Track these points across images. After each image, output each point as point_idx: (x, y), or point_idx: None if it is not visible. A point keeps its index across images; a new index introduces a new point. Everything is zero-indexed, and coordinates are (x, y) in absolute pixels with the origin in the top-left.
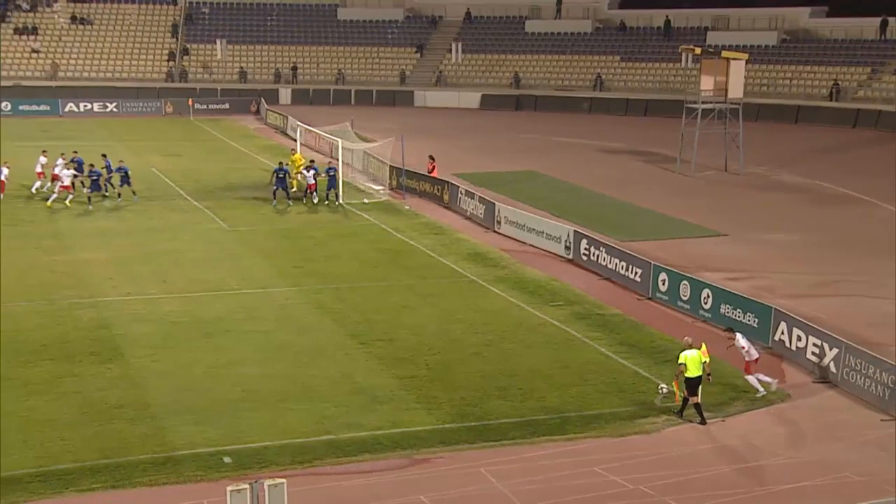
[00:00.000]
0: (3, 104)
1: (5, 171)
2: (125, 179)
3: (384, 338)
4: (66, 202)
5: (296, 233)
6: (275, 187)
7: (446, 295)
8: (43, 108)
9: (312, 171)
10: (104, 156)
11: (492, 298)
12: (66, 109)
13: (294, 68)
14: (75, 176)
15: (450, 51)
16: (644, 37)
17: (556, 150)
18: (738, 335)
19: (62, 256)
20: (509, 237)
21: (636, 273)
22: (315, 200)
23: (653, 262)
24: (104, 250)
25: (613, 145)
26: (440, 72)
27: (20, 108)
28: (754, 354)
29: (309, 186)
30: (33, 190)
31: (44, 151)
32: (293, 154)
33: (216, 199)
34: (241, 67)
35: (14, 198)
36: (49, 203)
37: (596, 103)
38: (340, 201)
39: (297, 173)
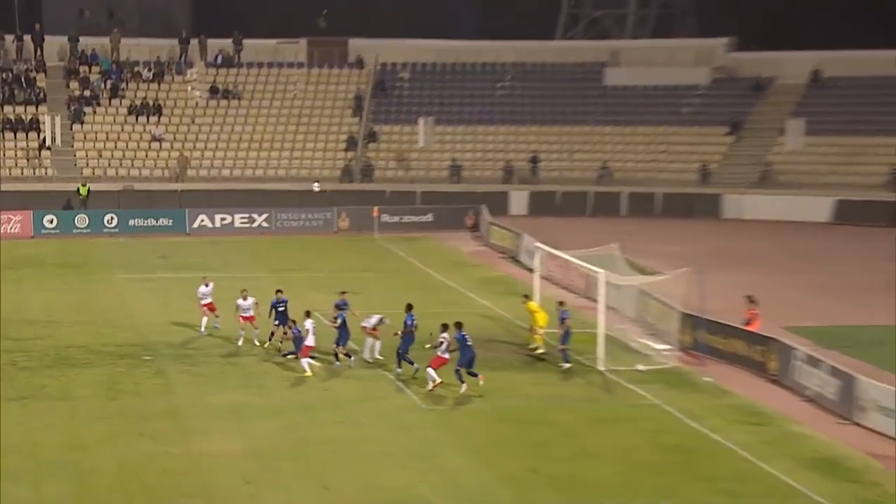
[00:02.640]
0: (107, 217)
1: (202, 289)
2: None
3: None
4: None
5: (529, 415)
6: (400, 348)
7: None
8: (163, 222)
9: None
10: (279, 292)
11: None
12: (196, 224)
13: (534, 160)
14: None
15: (782, 131)
16: None
17: None
18: None
19: (178, 447)
20: (880, 433)
21: None
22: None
23: None
24: (238, 438)
25: None
26: (766, 164)
27: (130, 222)
28: None
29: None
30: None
31: (244, 292)
32: (526, 303)
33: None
34: (454, 160)
35: (115, 356)
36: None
37: None
38: (601, 368)
39: (539, 329)
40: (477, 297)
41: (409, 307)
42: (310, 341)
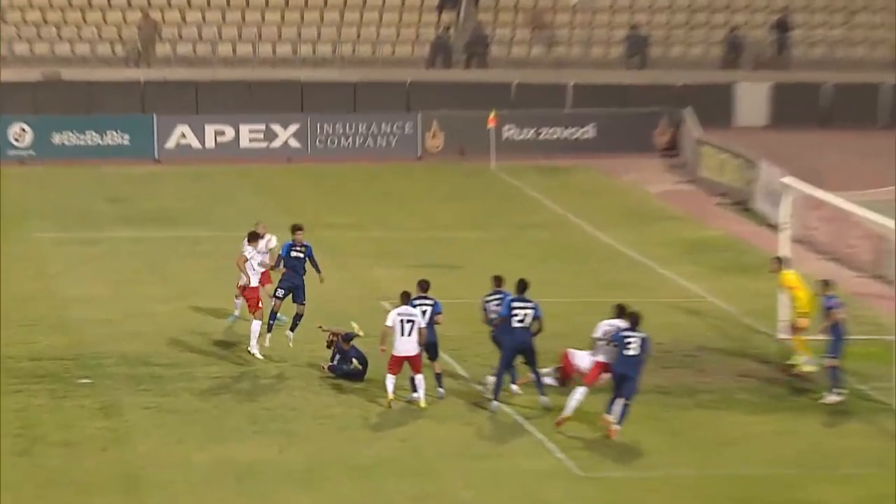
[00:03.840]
0: (14, 130)
1: (244, 247)
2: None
3: None
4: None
5: (771, 490)
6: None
7: None
8: (113, 138)
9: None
10: (298, 230)
11: None
12: (172, 143)
13: (781, 26)
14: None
15: None
16: None
17: None
18: None
19: None
20: None
21: None
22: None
23: None
24: None
25: None
26: None
27: (55, 139)
28: None
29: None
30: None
31: (259, 224)
32: (779, 270)
33: (553, 387)
34: (634, 27)
35: (31, 378)
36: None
37: None
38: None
39: (800, 316)
40: (673, 276)
41: (523, 286)
42: (406, 348)
